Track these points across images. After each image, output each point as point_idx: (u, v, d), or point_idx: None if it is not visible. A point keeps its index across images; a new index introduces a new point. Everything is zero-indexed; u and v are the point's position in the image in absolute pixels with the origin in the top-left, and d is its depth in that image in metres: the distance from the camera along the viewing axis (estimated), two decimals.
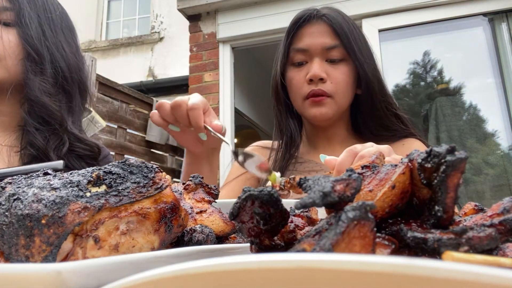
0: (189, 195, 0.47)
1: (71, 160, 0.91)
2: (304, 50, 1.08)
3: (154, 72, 6.69)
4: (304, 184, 0.27)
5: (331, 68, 1.06)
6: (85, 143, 0.94)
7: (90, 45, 7.02)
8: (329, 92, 1.04)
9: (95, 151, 0.95)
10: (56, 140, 0.89)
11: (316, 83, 1.04)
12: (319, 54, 1.06)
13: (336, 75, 1.05)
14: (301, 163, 1.13)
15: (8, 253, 0.29)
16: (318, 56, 1.06)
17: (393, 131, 1.10)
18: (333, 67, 1.06)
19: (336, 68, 1.06)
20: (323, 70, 1.04)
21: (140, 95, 4.03)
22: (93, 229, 0.31)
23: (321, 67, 1.05)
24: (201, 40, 4.09)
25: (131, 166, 0.35)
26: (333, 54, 1.06)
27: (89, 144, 0.94)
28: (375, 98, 1.08)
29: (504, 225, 0.25)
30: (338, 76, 1.05)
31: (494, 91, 3.35)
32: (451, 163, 0.24)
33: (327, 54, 1.06)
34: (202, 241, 0.38)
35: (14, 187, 0.32)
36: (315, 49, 1.06)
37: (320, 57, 1.06)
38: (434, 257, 0.24)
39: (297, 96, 1.09)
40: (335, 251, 0.20)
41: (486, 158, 3.46)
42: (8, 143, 0.91)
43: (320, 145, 1.16)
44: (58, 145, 0.89)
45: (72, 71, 0.97)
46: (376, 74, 1.09)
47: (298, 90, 1.08)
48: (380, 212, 0.27)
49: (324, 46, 1.06)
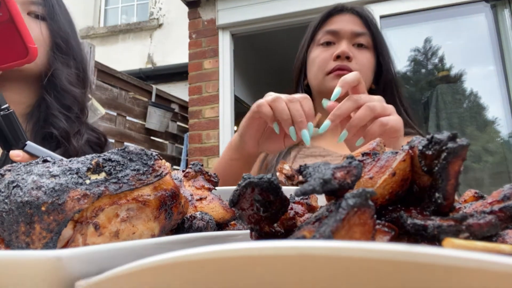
0: (189, 183, 0.47)
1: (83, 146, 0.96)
2: (334, 31, 1.14)
3: (153, 59, 6.64)
4: (304, 171, 0.27)
5: (357, 51, 1.12)
6: (96, 132, 1.02)
7: (88, 32, 6.95)
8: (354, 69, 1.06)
9: (102, 141, 1.03)
10: (77, 127, 0.96)
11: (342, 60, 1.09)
12: (347, 38, 1.12)
13: (361, 58, 1.11)
14: (308, 148, 1.14)
15: (9, 240, 0.29)
16: (346, 39, 1.12)
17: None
18: (359, 51, 1.12)
19: (361, 52, 1.12)
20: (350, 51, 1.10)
21: (139, 83, 4.01)
22: (93, 216, 0.31)
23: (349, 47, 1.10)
24: (201, 26, 4.05)
25: (130, 153, 0.35)
26: (360, 39, 1.13)
27: (99, 133, 1.03)
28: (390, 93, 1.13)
29: (504, 212, 0.25)
30: (363, 59, 1.11)
31: (495, 78, 3.33)
32: (452, 150, 0.24)
33: (354, 39, 1.13)
34: (202, 228, 0.38)
35: (14, 174, 0.32)
36: (344, 32, 1.12)
37: (348, 40, 1.12)
38: (434, 244, 0.24)
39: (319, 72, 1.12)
40: (335, 238, 0.20)
41: (485, 146, 3.46)
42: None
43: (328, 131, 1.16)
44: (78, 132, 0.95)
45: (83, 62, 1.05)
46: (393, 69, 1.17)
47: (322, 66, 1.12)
48: (380, 199, 0.27)
49: (353, 31, 1.12)
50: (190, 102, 4.01)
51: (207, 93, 3.93)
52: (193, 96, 3.98)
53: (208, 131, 3.86)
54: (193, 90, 4.00)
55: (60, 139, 0.90)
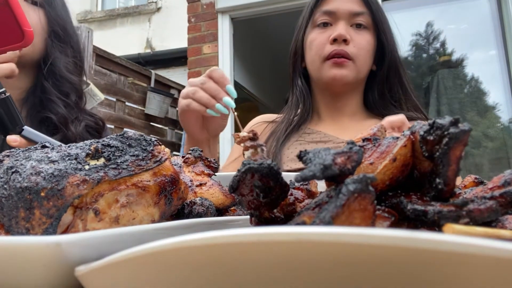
0: (188, 168, 0.47)
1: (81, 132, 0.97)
2: (331, 12, 1.08)
3: (152, 44, 6.57)
4: (304, 157, 0.27)
5: (355, 33, 1.07)
6: (94, 117, 1.03)
7: (86, 16, 6.86)
8: (351, 54, 1.04)
9: (100, 125, 1.04)
10: (75, 113, 0.97)
11: (339, 44, 1.04)
12: (345, 18, 1.07)
13: (360, 40, 1.06)
14: (309, 133, 1.12)
15: (9, 225, 0.29)
16: (344, 19, 1.07)
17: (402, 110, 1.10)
18: (357, 32, 1.07)
19: (360, 33, 1.07)
20: (348, 33, 1.05)
21: (138, 68, 3.98)
22: (93, 202, 0.31)
23: (346, 29, 1.05)
24: (200, 10, 4.00)
25: (129, 139, 0.35)
26: (359, 19, 1.07)
27: (96, 118, 1.04)
28: (394, 74, 1.09)
29: (505, 198, 0.24)
30: (361, 41, 1.06)
31: (497, 64, 3.30)
32: (454, 135, 0.24)
33: (353, 19, 1.07)
34: (202, 213, 0.38)
35: (12, 160, 0.32)
36: (342, 12, 1.07)
37: (346, 21, 1.07)
38: (434, 230, 0.24)
39: (316, 58, 1.08)
40: (335, 224, 0.20)
41: (486, 131, 3.46)
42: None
43: (328, 117, 1.15)
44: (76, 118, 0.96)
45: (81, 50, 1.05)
46: (396, 49, 1.11)
47: (319, 50, 1.07)
48: (381, 185, 0.27)
49: (351, 11, 1.06)
50: None
51: None
52: None
53: None
54: (192, 76, 3.97)
55: (58, 124, 0.91)
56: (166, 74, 4.90)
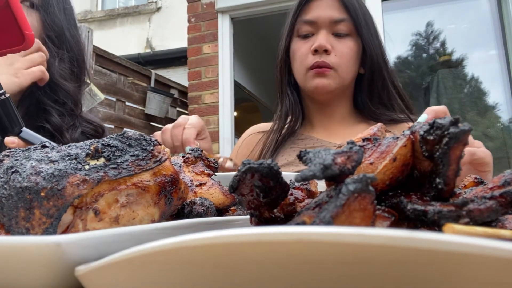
0: (188, 168, 0.47)
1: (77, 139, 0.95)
2: (311, 21, 1.08)
3: (152, 43, 6.57)
4: (304, 157, 0.27)
5: (337, 41, 1.06)
6: (92, 123, 1.01)
7: (86, 16, 6.86)
8: (332, 64, 1.04)
9: (99, 132, 1.01)
10: (70, 121, 0.94)
11: (320, 55, 1.05)
12: (326, 27, 1.07)
13: (341, 48, 1.06)
14: (302, 139, 1.13)
15: (9, 225, 0.29)
16: (325, 28, 1.07)
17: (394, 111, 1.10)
18: (339, 41, 1.07)
19: (342, 42, 1.07)
20: (329, 42, 1.05)
21: (138, 68, 3.97)
22: (93, 202, 0.31)
23: (327, 39, 1.05)
24: (200, 10, 3.99)
25: (129, 139, 0.35)
26: (340, 27, 1.06)
27: (95, 125, 1.01)
28: (379, 77, 1.08)
29: (505, 198, 0.24)
30: (343, 49, 1.06)
31: (497, 63, 3.30)
32: (454, 135, 0.24)
33: (334, 28, 1.07)
34: (202, 213, 0.38)
35: (12, 159, 0.32)
36: (322, 21, 1.07)
37: (327, 30, 1.07)
38: (434, 230, 0.24)
39: (300, 68, 1.09)
40: (335, 224, 0.20)
41: (486, 131, 3.46)
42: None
43: (318, 123, 1.16)
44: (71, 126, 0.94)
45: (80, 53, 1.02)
46: (381, 52, 1.10)
47: (302, 61, 1.08)
48: (381, 185, 0.27)
49: (332, 19, 1.06)
50: (189, 88, 3.98)
51: (206, 78, 3.91)
52: (192, 82, 3.96)
53: (208, 116, 3.85)
54: (192, 75, 3.97)
55: (53, 132, 0.89)
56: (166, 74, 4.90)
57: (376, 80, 1.09)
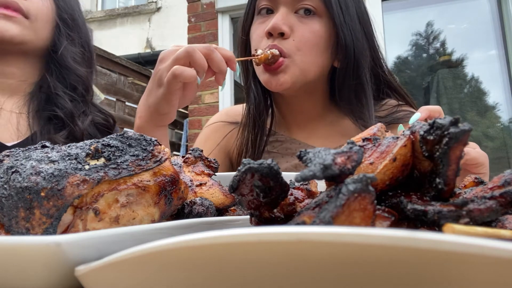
0: (188, 168, 0.47)
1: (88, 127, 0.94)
2: None
3: (152, 43, 6.58)
4: (304, 157, 0.27)
5: (299, 22, 0.84)
6: (104, 113, 0.99)
7: (86, 16, 6.84)
8: (287, 51, 0.82)
9: (110, 122, 1.00)
10: (82, 107, 0.93)
11: (274, 39, 0.83)
12: (287, 2, 0.84)
13: (303, 31, 0.83)
14: (282, 141, 0.96)
15: (9, 225, 0.29)
16: (285, 5, 0.84)
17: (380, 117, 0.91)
18: (302, 22, 0.84)
19: (305, 23, 0.84)
20: (287, 23, 0.83)
21: (138, 68, 3.98)
22: (93, 202, 0.31)
23: (285, 18, 0.83)
24: (199, 10, 3.99)
25: (129, 139, 0.35)
26: (305, 3, 0.83)
27: (106, 114, 1.00)
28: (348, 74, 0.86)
29: (505, 197, 0.24)
30: (305, 33, 0.83)
31: (497, 63, 3.31)
32: (454, 135, 0.24)
33: (297, 3, 0.84)
34: (202, 213, 0.38)
35: (12, 159, 0.32)
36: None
37: (288, 7, 0.84)
38: (434, 230, 0.24)
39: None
40: (335, 224, 0.20)
41: (486, 131, 3.46)
42: (16, 109, 0.90)
43: (293, 121, 0.98)
44: (83, 112, 0.93)
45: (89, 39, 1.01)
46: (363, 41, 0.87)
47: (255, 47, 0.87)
48: (381, 185, 0.27)
49: None
50: None
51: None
52: None
53: (208, 116, 3.85)
54: None
55: (65, 119, 0.88)
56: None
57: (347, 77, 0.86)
